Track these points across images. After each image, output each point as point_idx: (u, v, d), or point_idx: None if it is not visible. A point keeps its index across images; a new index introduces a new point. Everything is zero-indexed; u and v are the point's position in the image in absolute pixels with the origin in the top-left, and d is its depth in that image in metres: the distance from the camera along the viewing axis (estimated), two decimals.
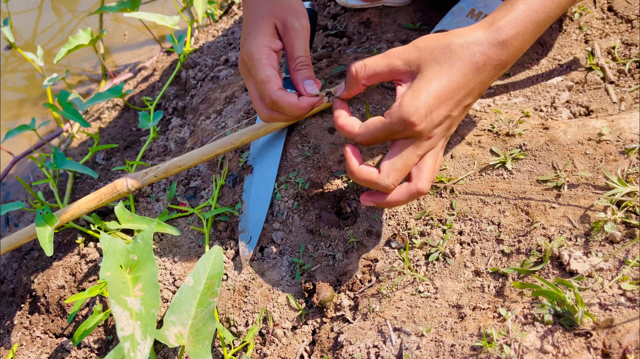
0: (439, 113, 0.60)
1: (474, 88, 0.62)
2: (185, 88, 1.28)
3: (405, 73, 0.62)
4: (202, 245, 0.89)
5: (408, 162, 0.63)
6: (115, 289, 0.63)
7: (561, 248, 0.68)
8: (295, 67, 0.70)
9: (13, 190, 1.35)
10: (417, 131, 0.60)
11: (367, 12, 1.16)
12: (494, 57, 0.61)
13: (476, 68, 0.60)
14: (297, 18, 0.70)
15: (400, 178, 0.64)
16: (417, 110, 0.59)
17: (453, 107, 0.61)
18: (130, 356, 0.60)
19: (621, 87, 0.94)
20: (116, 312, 0.62)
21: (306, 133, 0.92)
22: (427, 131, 0.61)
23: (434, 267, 0.75)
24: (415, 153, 0.62)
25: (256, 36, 0.69)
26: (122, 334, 0.61)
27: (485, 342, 0.61)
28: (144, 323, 0.63)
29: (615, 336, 0.57)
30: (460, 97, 0.61)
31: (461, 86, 0.60)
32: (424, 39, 0.63)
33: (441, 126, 0.61)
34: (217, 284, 0.73)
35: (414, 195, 0.64)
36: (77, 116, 1.11)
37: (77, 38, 1.24)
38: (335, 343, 0.73)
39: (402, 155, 0.63)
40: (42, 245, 0.79)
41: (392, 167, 0.63)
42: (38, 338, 0.91)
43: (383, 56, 0.64)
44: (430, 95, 0.59)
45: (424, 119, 0.59)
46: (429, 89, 0.59)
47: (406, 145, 0.62)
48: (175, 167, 0.87)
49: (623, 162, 0.74)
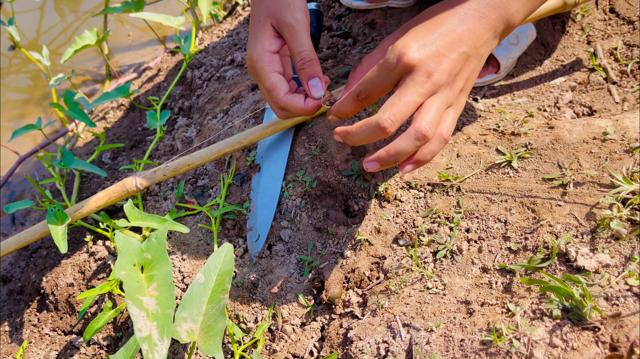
0: (430, 48, 0.56)
1: (463, 34, 0.57)
2: (191, 88, 1.29)
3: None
4: (210, 243, 0.90)
5: (407, 98, 0.56)
6: (130, 289, 0.64)
7: (568, 244, 0.70)
8: (298, 65, 0.67)
9: (18, 189, 1.36)
10: (411, 63, 0.56)
11: (371, 13, 1.17)
12: (494, 5, 0.58)
13: (457, 15, 0.58)
14: (290, 12, 0.66)
15: (398, 114, 0.56)
16: (407, 42, 0.56)
17: (445, 45, 0.57)
18: (149, 357, 0.61)
19: (623, 87, 0.95)
20: (133, 313, 0.63)
21: (313, 132, 0.93)
22: (423, 64, 0.56)
23: (441, 264, 0.76)
24: (416, 89, 0.56)
25: (256, 42, 0.68)
26: (140, 335, 0.62)
27: (494, 336, 0.62)
28: (160, 324, 0.64)
29: (623, 330, 0.58)
30: (450, 39, 0.57)
31: (459, 21, 0.58)
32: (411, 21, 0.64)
33: (440, 65, 0.56)
34: (227, 281, 0.74)
35: (412, 136, 0.57)
36: (83, 116, 1.12)
37: (84, 38, 1.25)
38: (344, 339, 0.74)
39: (400, 91, 0.57)
40: (56, 242, 0.80)
41: (389, 102, 0.57)
42: (47, 336, 0.92)
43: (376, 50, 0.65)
44: (416, 30, 0.57)
45: (415, 50, 0.56)
46: (415, 25, 0.59)
47: (406, 83, 0.57)
48: (184, 166, 0.87)
49: (628, 160, 0.75)
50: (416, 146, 0.57)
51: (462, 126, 0.92)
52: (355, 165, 0.88)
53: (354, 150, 0.90)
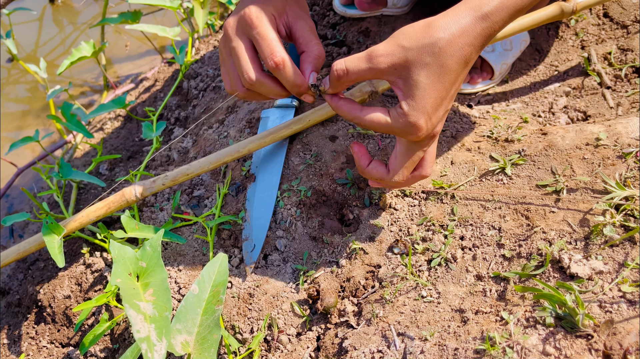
0: (437, 115, 0.60)
1: (464, 75, 0.61)
2: (187, 98, 1.30)
3: (392, 75, 0.59)
4: (206, 253, 0.90)
5: (415, 160, 0.66)
6: (127, 295, 0.65)
7: (561, 251, 0.69)
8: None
9: (17, 202, 1.36)
10: (422, 137, 0.61)
11: (366, 22, 1.17)
12: (479, 44, 0.59)
13: (465, 61, 0.58)
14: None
15: (408, 174, 0.67)
16: (418, 120, 0.59)
17: (448, 102, 0.61)
18: (148, 357, 0.61)
19: (618, 92, 0.95)
20: (131, 315, 0.63)
21: (308, 141, 0.93)
22: (430, 134, 0.62)
23: (436, 272, 0.76)
24: (421, 151, 0.65)
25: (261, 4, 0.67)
26: (138, 336, 0.62)
27: (488, 345, 0.62)
28: (158, 326, 0.64)
29: (616, 337, 0.58)
30: (453, 91, 0.61)
31: (453, 82, 0.59)
32: (408, 36, 0.58)
33: (441, 122, 0.63)
34: (222, 292, 0.74)
35: (420, 179, 0.70)
36: (80, 127, 1.12)
37: (80, 50, 1.25)
38: (339, 349, 0.74)
39: (409, 157, 0.65)
40: (52, 256, 0.80)
41: (400, 167, 0.66)
42: (44, 348, 0.92)
43: (365, 58, 0.60)
44: (428, 104, 0.59)
45: (425, 127, 0.60)
46: (425, 97, 0.58)
47: (412, 147, 0.64)
48: (182, 175, 0.88)
49: (621, 166, 0.75)
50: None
51: (456, 133, 0.92)
52: (349, 173, 0.88)
53: (349, 158, 0.90)
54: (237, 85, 0.70)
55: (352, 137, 0.92)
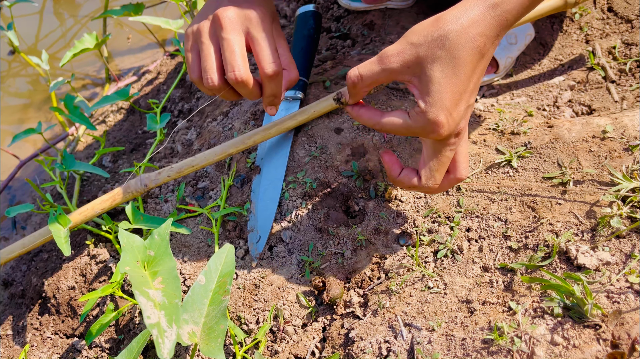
0: (458, 110, 0.58)
1: (483, 68, 0.59)
2: (190, 91, 1.29)
3: (406, 74, 0.58)
4: (211, 244, 0.90)
5: (444, 161, 0.63)
6: (136, 282, 0.65)
7: (568, 243, 0.70)
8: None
9: (19, 193, 1.36)
10: (445, 135, 0.59)
11: (370, 14, 1.17)
12: (492, 34, 0.57)
13: (479, 52, 0.56)
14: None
15: (440, 177, 0.65)
16: (437, 116, 0.57)
17: (469, 96, 0.59)
18: (159, 343, 0.62)
19: (622, 86, 0.96)
20: (141, 302, 0.63)
21: (313, 133, 0.93)
22: (453, 131, 0.60)
23: (442, 264, 0.76)
24: (449, 150, 0.62)
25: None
26: (149, 322, 0.63)
27: (496, 335, 0.62)
28: (168, 313, 0.65)
29: (624, 327, 0.58)
30: (473, 85, 0.58)
31: (470, 75, 0.57)
32: (417, 32, 0.58)
33: (464, 118, 0.60)
34: (228, 282, 0.74)
35: (455, 183, 0.67)
36: (84, 119, 1.12)
37: (83, 42, 1.25)
38: (346, 339, 0.74)
39: (437, 159, 0.63)
40: (59, 245, 0.80)
41: (431, 172, 0.64)
42: (49, 339, 0.92)
43: (377, 61, 0.60)
44: (445, 99, 0.57)
45: (446, 123, 0.58)
46: (442, 92, 0.57)
47: (438, 147, 0.62)
48: (188, 167, 0.87)
49: (627, 158, 0.75)
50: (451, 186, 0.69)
51: None
52: (355, 165, 0.88)
53: (354, 151, 0.90)
54: (213, 76, 0.68)
55: (357, 129, 0.92)
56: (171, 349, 0.64)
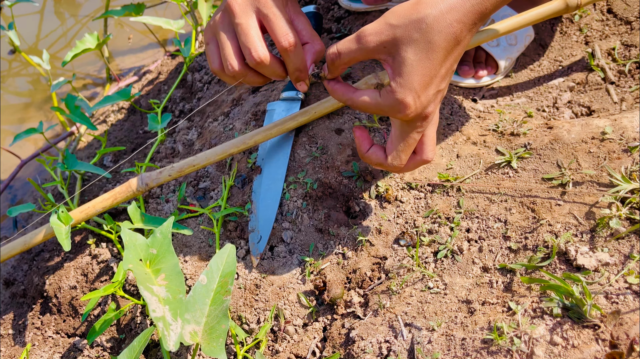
0: (427, 94, 0.59)
1: (457, 55, 0.59)
2: (191, 91, 1.30)
3: (382, 53, 0.59)
4: (212, 244, 0.91)
5: (411, 142, 0.65)
6: (141, 278, 0.66)
7: (567, 243, 0.70)
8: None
9: (20, 193, 1.36)
10: (411, 117, 0.61)
11: (371, 15, 1.18)
12: (469, 22, 0.57)
13: (454, 38, 0.57)
14: None
15: (406, 158, 0.67)
16: (405, 97, 0.58)
17: (439, 81, 0.60)
18: (164, 335, 0.63)
19: (621, 87, 0.96)
20: (146, 296, 0.65)
21: (314, 134, 0.93)
22: (421, 114, 0.61)
23: (442, 264, 0.77)
24: (416, 132, 0.64)
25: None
26: (154, 315, 0.64)
27: (495, 335, 0.62)
28: (172, 307, 0.66)
29: (623, 327, 0.59)
30: (445, 71, 0.59)
31: (443, 60, 0.58)
32: (396, 13, 0.58)
33: (433, 102, 0.61)
34: (230, 282, 0.75)
35: (421, 164, 0.69)
36: (85, 119, 1.12)
37: (84, 42, 1.25)
38: (346, 339, 0.74)
39: (404, 140, 0.65)
40: (59, 240, 0.80)
41: (397, 152, 0.66)
42: (50, 338, 0.92)
43: (355, 39, 0.60)
44: (415, 81, 0.58)
45: (413, 105, 0.59)
46: (413, 74, 0.58)
47: (405, 128, 0.64)
48: (189, 166, 0.88)
49: (626, 159, 0.75)
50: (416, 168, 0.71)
51: (461, 127, 0.93)
52: (355, 166, 0.88)
53: (354, 151, 0.90)
54: (233, 62, 0.68)
55: None
56: (176, 341, 0.65)
